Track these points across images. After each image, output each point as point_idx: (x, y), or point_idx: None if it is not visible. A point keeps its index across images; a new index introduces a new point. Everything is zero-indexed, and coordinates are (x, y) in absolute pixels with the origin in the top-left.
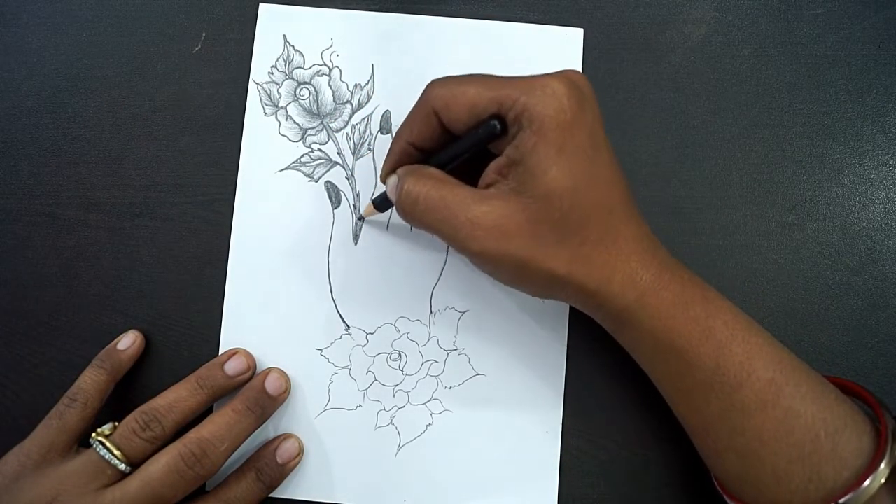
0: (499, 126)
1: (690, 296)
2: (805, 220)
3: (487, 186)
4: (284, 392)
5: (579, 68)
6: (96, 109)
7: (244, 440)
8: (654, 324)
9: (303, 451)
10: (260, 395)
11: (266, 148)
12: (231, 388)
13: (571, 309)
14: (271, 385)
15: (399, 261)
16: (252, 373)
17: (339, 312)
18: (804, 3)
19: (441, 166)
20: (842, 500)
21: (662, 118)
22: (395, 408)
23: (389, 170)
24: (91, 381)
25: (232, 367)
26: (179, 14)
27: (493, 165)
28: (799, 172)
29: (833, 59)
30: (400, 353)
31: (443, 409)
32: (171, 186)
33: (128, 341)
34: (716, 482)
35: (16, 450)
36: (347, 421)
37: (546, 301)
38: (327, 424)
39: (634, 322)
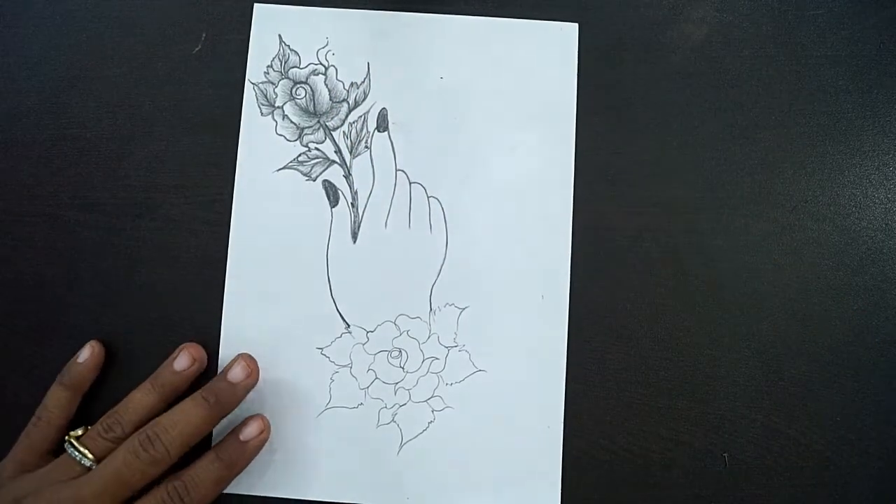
0: None
1: None
2: (805, 220)
3: None
4: (248, 378)
5: (575, 64)
6: (96, 109)
7: (201, 427)
8: None
9: (268, 428)
10: (216, 383)
11: (263, 148)
12: (183, 383)
13: (571, 306)
14: (232, 374)
15: (398, 258)
16: (199, 365)
17: (338, 311)
18: (804, 3)
19: None
20: None
21: (662, 118)
22: (397, 405)
23: None
24: (54, 400)
25: (178, 363)
26: (179, 14)
27: None
28: (799, 172)
29: (833, 59)
30: (401, 351)
31: (444, 405)
32: (171, 186)
33: (86, 353)
34: None
35: None
36: (349, 419)
37: (545, 296)
38: (329, 423)
39: None
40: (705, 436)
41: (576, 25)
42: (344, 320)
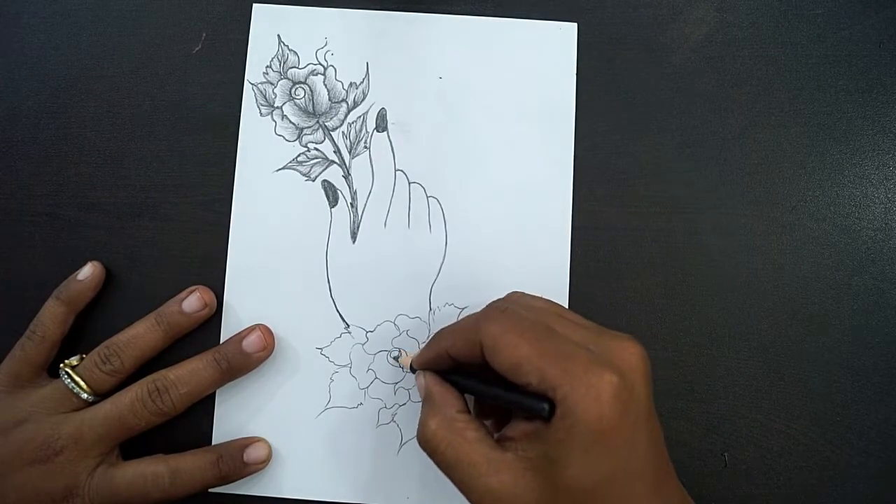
0: (547, 412)
1: None
2: (805, 220)
3: (507, 440)
4: (263, 351)
5: (574, 64)
6: (96, 109)
7: (207, 390)
8: None
9: (270, 460)
10: (231, 350)
11: (262, 148)
12: (189, 326)
13: (571, 306)
14: (249, 343)
15: (397, 258)
16: (209, 310)
17: (338, 311)
18: (804, 3)
19: (469, 392)
20: None
21: (662, 118)
22: (397, 405)
23: (422, 363)
24: (49, 315)
25: (188, 304)
26: (179, 14)
27: (519, 428)
28: (799, 172)
29: (833, 59)
30: (400, 351)
31: None
32: (171, 186)
33: (87, 271)
34: None
35: None
36: (349, 419)
37: (545, 296)
38: (329, 423)
39: None
40: (705, 436)
41: (575, 25)
42: (343, 320)
